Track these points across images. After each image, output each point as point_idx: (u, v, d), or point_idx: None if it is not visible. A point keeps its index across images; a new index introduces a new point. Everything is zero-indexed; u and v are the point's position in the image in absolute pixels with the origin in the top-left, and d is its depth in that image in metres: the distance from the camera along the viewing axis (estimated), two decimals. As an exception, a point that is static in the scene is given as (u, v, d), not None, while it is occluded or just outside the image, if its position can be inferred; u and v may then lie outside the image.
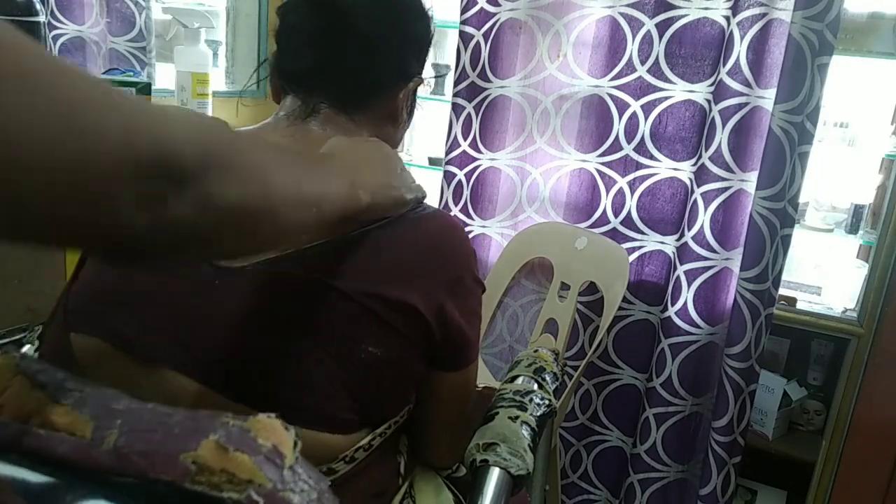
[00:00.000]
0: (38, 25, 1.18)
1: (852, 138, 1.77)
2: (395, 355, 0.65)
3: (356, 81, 0.72)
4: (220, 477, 0.41)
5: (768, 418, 1.68)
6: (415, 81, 0.77)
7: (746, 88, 1.37)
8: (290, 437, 0.44)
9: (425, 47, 0.78)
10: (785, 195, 1.36)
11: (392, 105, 0.75)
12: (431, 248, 0.68)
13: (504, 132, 1.63)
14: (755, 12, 1.33)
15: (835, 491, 1.60)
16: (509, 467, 0.67)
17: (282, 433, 0.44)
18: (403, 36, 0.74)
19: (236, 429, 0.43)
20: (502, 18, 1.56)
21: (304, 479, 0.43)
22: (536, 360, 0.83)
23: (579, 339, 1.63)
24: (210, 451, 0.41)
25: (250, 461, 0.41)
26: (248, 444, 0.42)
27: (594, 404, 1.67)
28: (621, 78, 1.50)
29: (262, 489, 0.41)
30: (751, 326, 1.40)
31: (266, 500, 0.41)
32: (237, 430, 0.43)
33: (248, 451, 0.42)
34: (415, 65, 0.77)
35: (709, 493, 1.49)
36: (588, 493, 1.72)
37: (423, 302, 0.65)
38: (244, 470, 0.41)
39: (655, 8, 1.45)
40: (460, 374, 0.73)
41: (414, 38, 0.76)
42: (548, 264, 1.59)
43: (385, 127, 0.76)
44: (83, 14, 1.56)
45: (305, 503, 0.42)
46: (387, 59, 0.73)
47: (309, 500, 0.43)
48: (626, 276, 1.44)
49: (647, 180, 1.53)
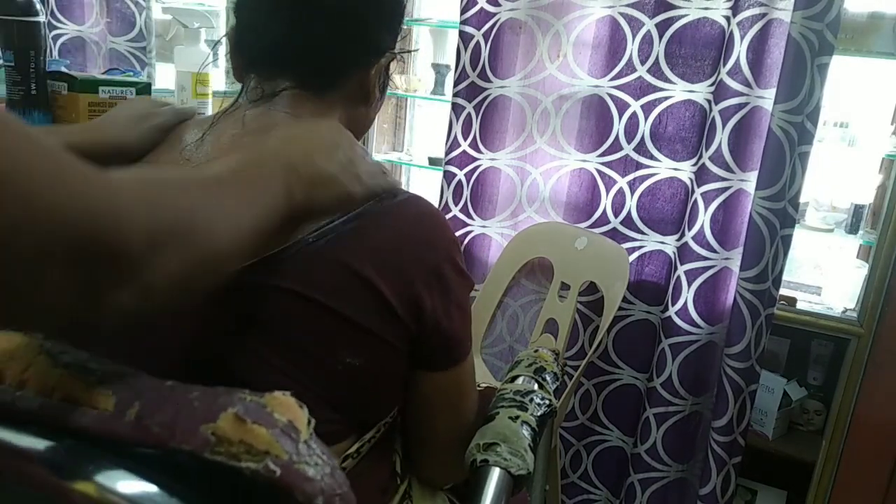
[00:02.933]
0: (38, 25, 1.18)
1: (852, 138, 1.77)
2: (376, 362, 0.62)
3: (325, 58, 0.67)
4: (238, 448, 0.42)
5: (768, 418, 1.68)
6: (387, 57, 0.71)
7: (746, 88, 1.36)
8: (304, 414, 0.45)
9: (398, 18, 0.72)
10: (785, 195, 1.36)
11: (365, 83, 0.70)
12: (405, 239, 0.62)
13: (504, 132, 1.63)
14: (755, 12, 1.33)
15: (835, 491, 1.60)
16: (510, 467, 0.67)
17: (297, 410, 0.45)
18: (376, 7, 0.68)
19: (253, 404, 0.44)
20: (502, 18, 1.56)
21: (318, 454, 0.44)
22: (537, 360, 0.83)
23: (579, 339, 1.63)
24: (229, 423, 0.43)
25: (268, 433, 0.42)
26: (265, 418, 0.43)
27: (594, 404, 1.67)
28: (621, 78, 1.50)
29: (279, 460, 0.42)
30: (751, 326, 1.40)
31: (283, 470, 0.42)
32: (254, 405, 0.44)
33: (265, 424, 0.43)
34: (387, 38, 0.71)
35: (708, 493, 1.49)
36: (588, 493, 1.71)
37: (396, 297, 0.60)
38: (262, 441, 0.42)
39: (655, 8, 1.45)
40: (448, 375, 0.68)
41: (387, 9, 0.70)
42: (548, 264, 1.59)
43: (358, 107, 0.71)
44: (83, 14, 1.56)
45: (320, 476, 0.43)
46: (358, 32, 0.67)
47: (323, 473, 0.44)
48: (627, 276, 1.44)
49: (647, 180, 1.53)
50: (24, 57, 1.18)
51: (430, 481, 0.78)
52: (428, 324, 0.63)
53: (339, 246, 0.59)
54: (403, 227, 0.62)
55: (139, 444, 0.44)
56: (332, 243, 0.58)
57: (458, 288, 0.66)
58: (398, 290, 0.60)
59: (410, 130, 2.37)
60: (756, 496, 1.79)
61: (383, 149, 2.25)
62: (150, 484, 0.43)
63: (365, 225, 0.60)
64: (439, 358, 0.67)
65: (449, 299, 0.65)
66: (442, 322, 0.64)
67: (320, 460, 0.44)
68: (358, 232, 0.59)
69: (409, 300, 0.61)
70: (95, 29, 1.57)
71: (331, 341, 0.59)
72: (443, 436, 0.73)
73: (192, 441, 0.42)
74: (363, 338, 0.60)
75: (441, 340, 0.65)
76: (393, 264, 0.60)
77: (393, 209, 0.62)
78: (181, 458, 0.43)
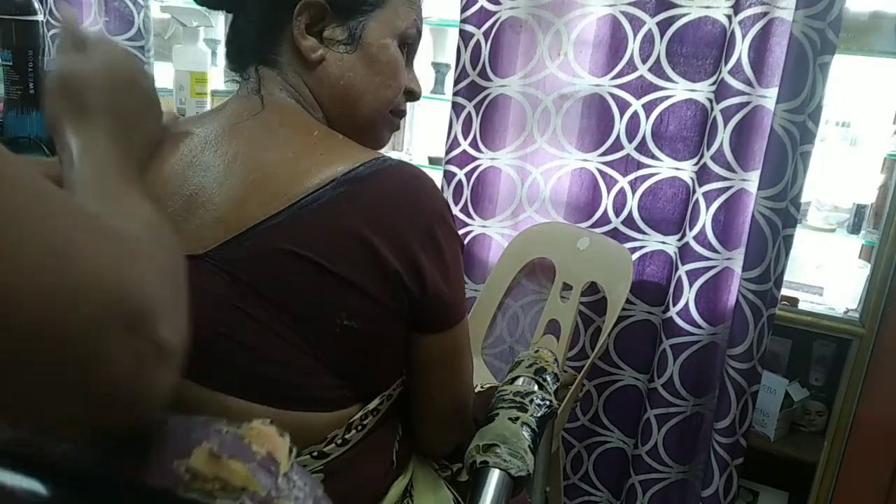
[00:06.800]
0: (37, 24, 1.18)
1: (854, 138, 1.76)
2: (373, 325, 0.63)
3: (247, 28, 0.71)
4: (213, 484, 0.40)
5: (770, 419, 1.67)
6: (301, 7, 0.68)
7: (748, 87, 1.36)
8: (284, 443, 0.44)
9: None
10: (787, 195, 1.35)
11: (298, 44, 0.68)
12: (396, 199, 0.62)
13: (504, 131, 1.62)
14: (757, 11, 1.33)
15: (837, 492, 1.59)
16: (509, 468, 0.67)
17: (276, 440, 0.44)
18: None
19: (230, 436, 0.43)
20: (503, 17, 1.55)
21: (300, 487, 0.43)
22: (537, 361, 0.82)
23: (580, 340, 1.63)
24: (203, 459, 0.41)
25: (244, 468, 0.41)
26: (242, 452, 0.42)
27: (595, 405, 1.66)
28: (622, 77, 1.50)
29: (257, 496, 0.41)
30: (752, 327, 1.40)
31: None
32: (231, 437, 0.43)
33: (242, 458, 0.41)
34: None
35: (711, 495, 1.48)
36: (589, 495, 1.71)
37: (395, 258, 0.61)
38: (238, 477, 0.41)
39: (656, 7, 1.44)
40: (445, 337, 0.69)
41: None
42: (549, 264, 1.59)
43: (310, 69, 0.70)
44: (81, 13, 1.56)
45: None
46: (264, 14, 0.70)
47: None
48: (630, 276, 1.43)
49: (648, 180, 1.52)
50: (23, 56, 1.17)
51: (430, 450, 0.79)
52: (428, 287, 0.64)
53: (333, 207, 0.59)
54: (393, 188, 0.63)
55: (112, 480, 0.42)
56: (324, 205, 0.59)
57: (451, 248, 0.66)
58: (396, 251, 0.61)
59: (410, 129, 2.37)
60: (758, 497, 1.78)
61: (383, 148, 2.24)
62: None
63: (356, 189, 0.61)
64: (436, 321, 0.68)
65: (443, 260, 0.65)
66: (439, 285, 0.65)
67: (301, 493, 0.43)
68: (349, 195, 0.60)
69: (409, 263, 0.62)
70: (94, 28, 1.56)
71: (327, 303, 0.60)
72: (441, 399, 0.74)
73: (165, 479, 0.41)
74: (360, 299, 0.61)
75: (439, 303, 0.66)
76: (387, 224, 0.61)
77: (382, 173, 0.62)
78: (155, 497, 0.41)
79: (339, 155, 0.63)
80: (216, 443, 0.42)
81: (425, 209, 0.64)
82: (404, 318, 0.66)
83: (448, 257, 0.66)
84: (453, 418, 0.76)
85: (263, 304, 0.59)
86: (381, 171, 0.62)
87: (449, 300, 0.67)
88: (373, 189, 0.61)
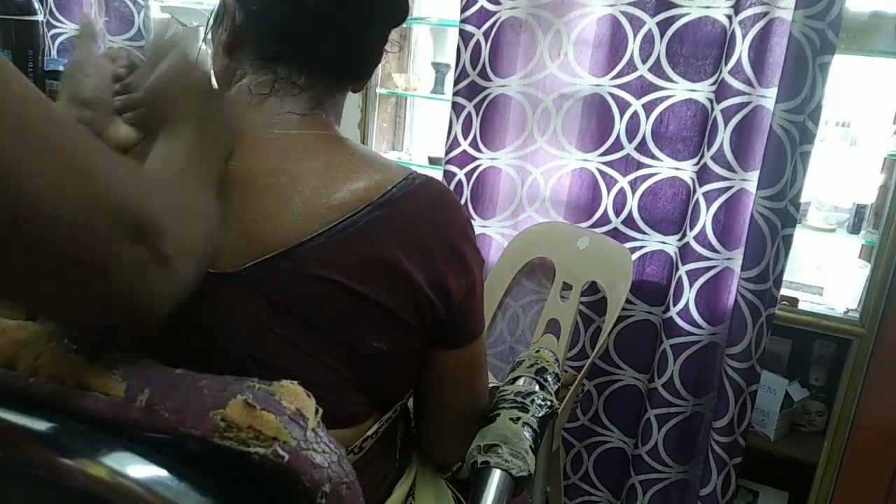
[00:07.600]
0: (37, 24, 1.18)
1: (854, 138, 1.76)
2: (401, 346, 0.64)
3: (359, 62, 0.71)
4: (247, 433, 0.43)
5: (770, 419, 1.67)
6: None
7: (748, 87, 1.36)
8: (312, 403, 0.47)
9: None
10: (786, 195, 1.35)
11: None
12: (424, 219, 0.63)
13: (504, 131, 1.63)
14: (756, 11, 1.33)
15: (836, 492, 1.59)
16: (511, 469, 0.67)
17: (304, 399, 0.46)
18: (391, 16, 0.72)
19: (262, 392, 0.46)
20: (503, 17, 1.55)
21: (326, 443, 0.46)
22: (538, 361, 0.82)
23: (580, 339, 1.63)
24: (238, 409, 0.44)
25: (276, 420, 0.44)
26: (273, 406, 0.45)
27: (595, 405, 1.66)
28: (622, 77, 1.50)
29: (287, 446, 0.43)
30: (751, 327, 1.40)
31: (291, 456, 0.43)
32: (263, 392, 0.45)
33: (273, 411, 0.44)
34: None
35: (709, 494, 1.49)
36: (589, 495, 1.71)
37: (425, 280, 0.62)
38: (270, 428, 0.43)
39: (657, 7, 1.44)
40: (464, 353, 0.71)
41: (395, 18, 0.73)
42: (549, 264, 1.59)
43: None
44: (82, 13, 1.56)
45: (327, 463, 0.45)
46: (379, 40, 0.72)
47: (330, 461, 0.45)
48: (630, 276, 1.43)
49: (648, 180, 1.52)
50: (23, 56, 1.17)
51: (439, 458, 0.80)
52: (453, 305, 0.65)
53: (368, 233, 0.60)
54: (422, 207, 0.64)
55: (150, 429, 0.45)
56: (360, 231, 0.60)
57: (475, 265, 0.68)
58: (425, 273, 0.62)
59: (410, 129, 2.36)
60: (758, 497, 1.78)
61: (383, 148, 2.24)
62: (161, 468, 0.44)
63: (389, 214, 0.61)
64: (457, 337, 0.69)
65: (469, 279, 0.67)
66: (464, 302, 0.66)
67: (328, 448, 0.45)
68: (384, 220, 0.61)
69: (437, 283, 0.63)
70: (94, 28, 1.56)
71: (359, 326, 0.61)
72: (455, 412, 0.75)
73: (201, 426, 0.44)
74: (391, 322, 0.62)
75: (462, 320, 0.68)
76: (415, 242, 0.62)
77: (412, 194, 0.63)
78: (191, 444, 0.44)
79: (371, 173, 0.63)
80: (249, 396, 0.45)
81: (451, 225, 0.65)
82: (427, 335, 0.67)
83: (472, 276, 0.67)
84: (466, 429, 0.75)
85: (295, 325, 0.59)
86: (411, 193, 0.63)
87: (471, 316, 0.69)
88: (404, 210, 0.62)
